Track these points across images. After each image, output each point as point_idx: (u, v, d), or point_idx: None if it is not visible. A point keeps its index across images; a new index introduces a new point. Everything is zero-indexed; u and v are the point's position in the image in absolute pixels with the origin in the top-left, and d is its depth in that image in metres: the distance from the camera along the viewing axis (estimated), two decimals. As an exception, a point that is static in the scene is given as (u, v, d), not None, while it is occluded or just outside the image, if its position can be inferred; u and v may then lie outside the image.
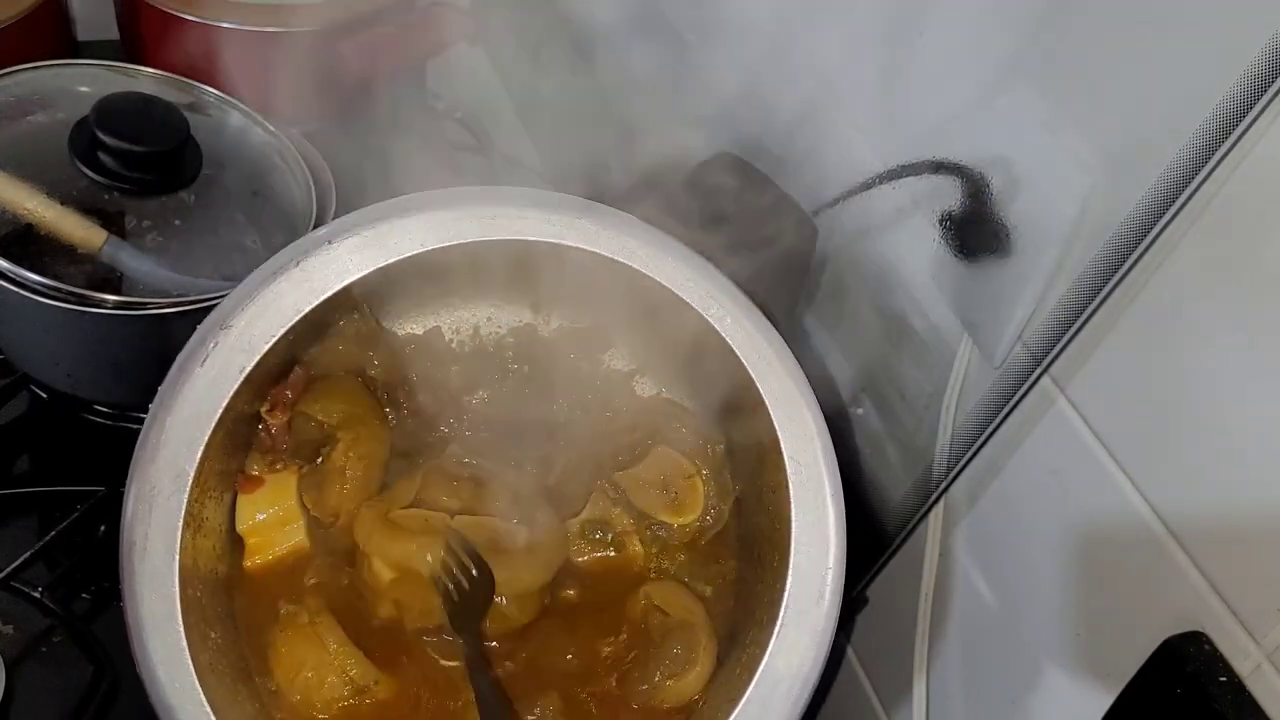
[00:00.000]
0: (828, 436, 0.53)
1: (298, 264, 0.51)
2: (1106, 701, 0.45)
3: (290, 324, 0.51)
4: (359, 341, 0.60)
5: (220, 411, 0.49)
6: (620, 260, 0.53)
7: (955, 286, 0.53)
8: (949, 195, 0.52)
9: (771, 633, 0.51)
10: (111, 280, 0.68)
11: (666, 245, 0.54)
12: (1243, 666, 0.40)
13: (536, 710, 0.55)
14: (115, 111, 0.72)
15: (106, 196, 0.72)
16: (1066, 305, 0.46)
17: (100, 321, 0.67)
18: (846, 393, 0.63)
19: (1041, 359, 0.48)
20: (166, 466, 0.49)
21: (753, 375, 0.53)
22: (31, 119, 0.75)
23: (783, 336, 0.55)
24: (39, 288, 0.66)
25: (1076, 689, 0.49)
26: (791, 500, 0.52)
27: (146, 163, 0.72)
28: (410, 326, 0.64)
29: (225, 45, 0.90)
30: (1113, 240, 0.43)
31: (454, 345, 0.64)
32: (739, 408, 0.57)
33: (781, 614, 0.51)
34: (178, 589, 0.48)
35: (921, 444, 0.56)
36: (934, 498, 0.56)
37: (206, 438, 0.49)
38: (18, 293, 0.66)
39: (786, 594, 0.51)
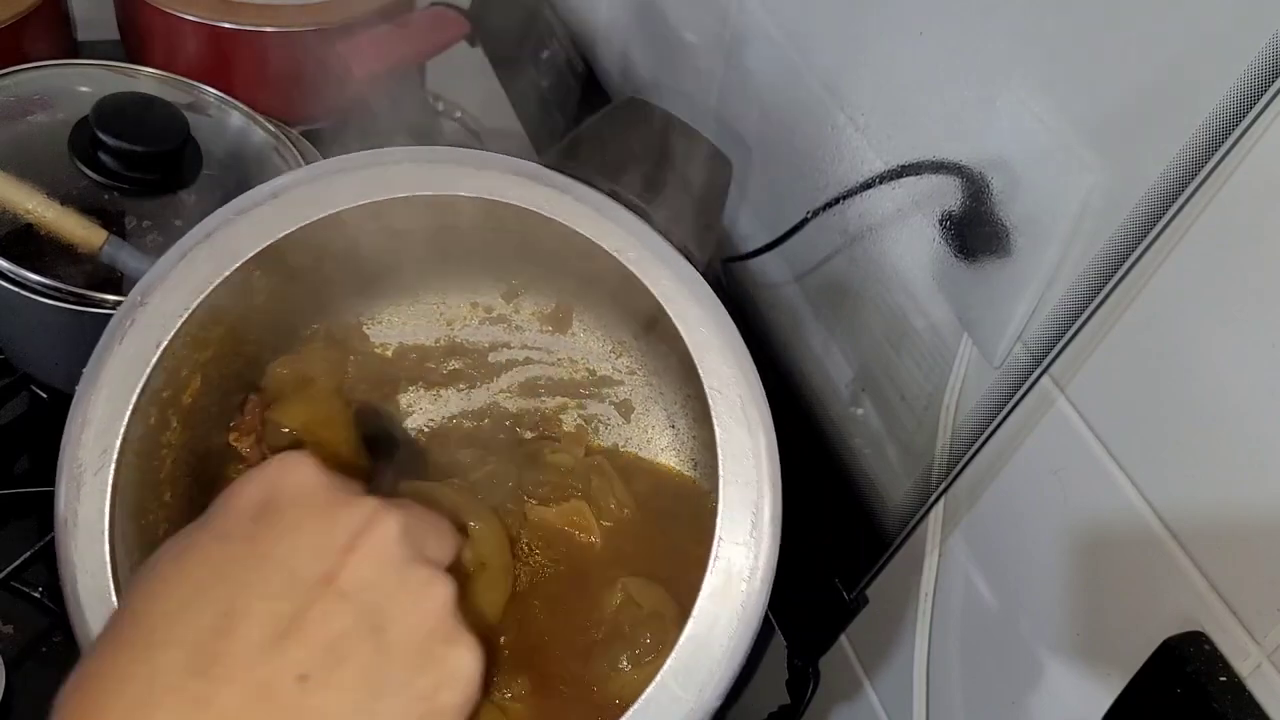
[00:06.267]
0: (755, 377, 0.51)
1: (209, 236, 0.51)
2: (1106, 701, 0.45)
3: (204, 294, 0.50)
4: (327, 353, 0.60)
5: (140, 386, 0.49)
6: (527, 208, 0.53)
7: (955, 286, 0.53)
8: (949, 195, 0.52)
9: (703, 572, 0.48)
10: (111, 280, 0.68)
11: (571, 190, 0.53)
12: (1243, 666, 0.40)
13: (508, 693, 0.55)
14: (115, 111, 0.72)
15: (106, 196, 0.72)
16: (1066, 305, 0.46)
17: (100, 321, 0.67)
18: (846, 393, 0.63)
19: (1041, 359, 0.48)
20: (92, 444, 0.48)
21: (669, 313, 0.51)
22: (31, 119, 0.75)
23: (700, 273, 0.53)
24: (39, 288, 0.66)
25: (1076, 689, 0.49)
26: (716, 429, 0.49)
27: (146, 163, 0.72)
28: (382, 335, 0.64)
29: (225, 45, 0.90)
30: (1113, 240, 0.43)
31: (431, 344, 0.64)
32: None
33: (714, 548, 0.48)
34: (109, 564, 0.47)
35: (921, 444, 0.56)
36: (934, 498, 0.56)
37: (128, 413, 0.49)
38: (18, 293, 0.66)
39: (717, 529, 0.48)
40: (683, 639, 0.45)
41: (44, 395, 0.77)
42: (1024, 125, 0.47)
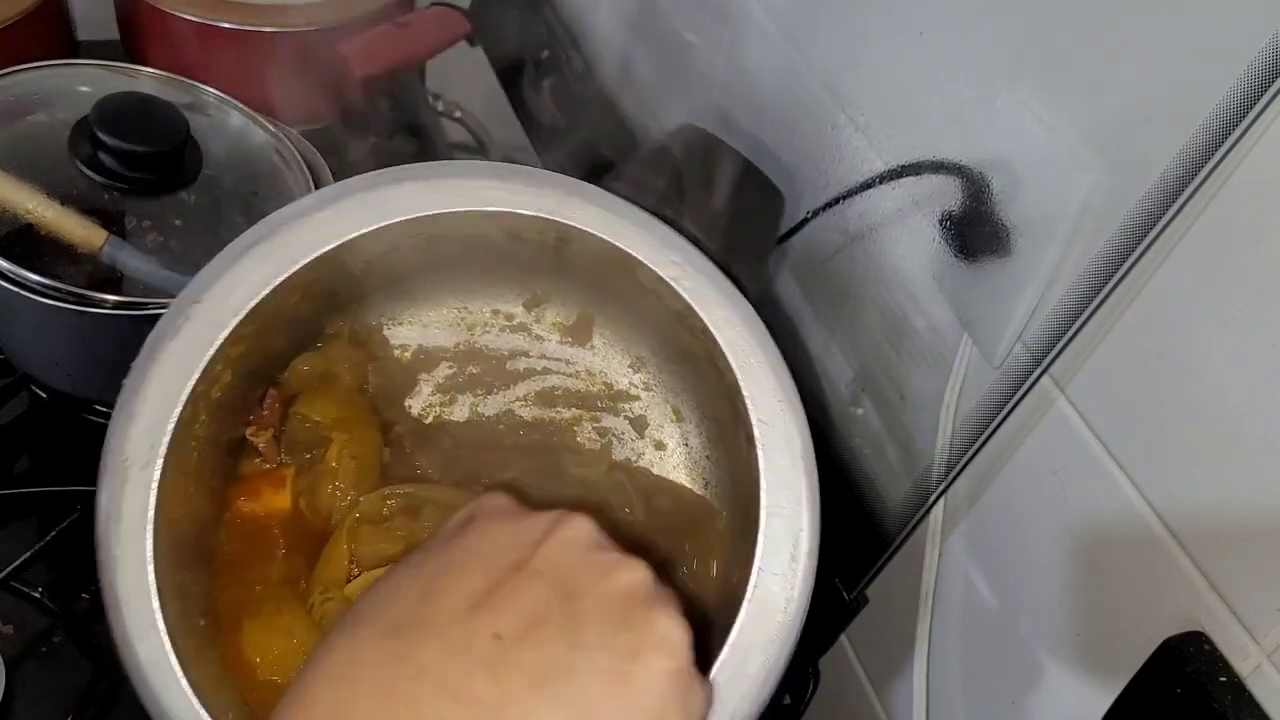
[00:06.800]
0: (800, 409, 0.51)
1: (267, 237, 0.51)
2: (1106, 701, 0.45)
3: (261, 296, 0.51)
4: (349, 352, 0.60)
5: (192, 385, 0.49)
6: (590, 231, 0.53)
7: (955, 286, 0.53)
8: (949, 195, 0.52)
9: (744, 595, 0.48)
10: (111, 280, 0.68)
11: (625, 212, 0.54)
12: (1243, 666, 0.40)
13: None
14: (115, 111, 0.72)
15: (106, 196, 0.72)
16: (1066, 305, 0.46)
17: (100, 321, 0.67)
18: (846, 393, 0.63)
19: (1041, 359, 0.48)
20: (140, 439, 0.49)
21: (719, 341, 0.52)
22: (31, 119, 0.75)
23: (749, 301, 0.54)
24: (39, 288, 0.66)
25: (1076, 689, 0.49)
26: (760, 460, 0.50)
27: (146, 163, 0.72)
28: (402, 336, 0.64)
29: (225, 45, 0.90)
30: (1113, 240, 0.43)
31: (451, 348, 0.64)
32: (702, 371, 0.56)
33: (753, 578, 0.48)
34: (151, 559, 0.48)
35: (921, 444, 0.56)
36: (934, 498, 0.56)
37: (178, 410, 0.49)
38: (18, 293, 0.66)
39: (757, 558, 0.48)
40: (716, 668, 0.45)
41: (44, 395, 0.77)
42: (1024, 125, 0.47)
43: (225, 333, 0.50)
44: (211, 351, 0.50)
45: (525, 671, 0.35)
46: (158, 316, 0.68)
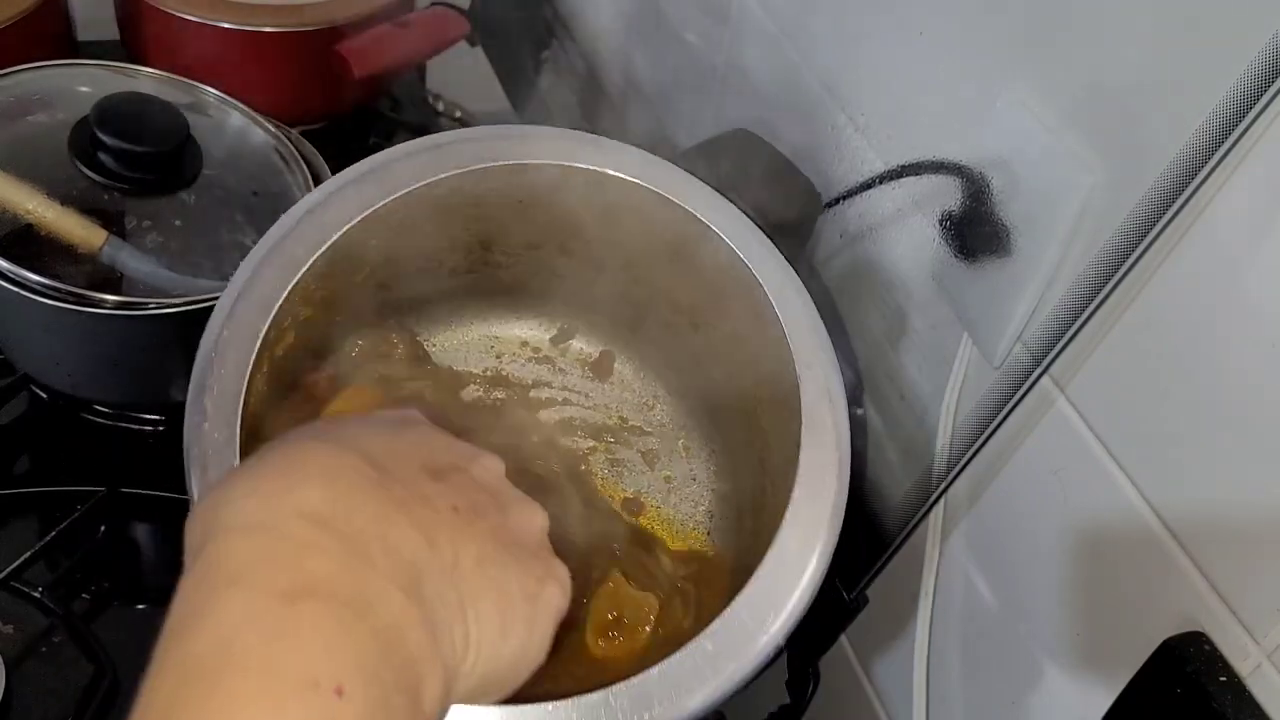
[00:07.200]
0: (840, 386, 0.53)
1: (346, 185, 0.55)
2: (1106, 701, 0.45)
3: (341, 231, 0.54)
4: (392, 363, 0.62)
5: (298, 279, 0.52)
6: (643, 184, 0.57)
7: (955, 286, 0.53)
8: (949, 195, 0.52)
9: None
10: (111, 280, 0.68)
11: (681, 178, 0.57)
12: (1243, 666, 0.40)
13: None
14: (115, 111, 0.72)
15: (106, 196, 0.71)
16: (1066, 305, 0.46)
17: (100, 321, 0.67)
18: (846, 393, 0.63)
19: (1041, 359, 0.48)
20: (242, 326, 0.51)
21: (771, 300, 0.54)
22: (31, 119, 0.75)
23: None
24: (39, 288, 0.66)
25: (1076, 689, 0.49)
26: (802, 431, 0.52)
27: (146, 163, 0.72)
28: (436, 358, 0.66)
29: (225, 45, 0.90)
30: (1113, 240, 0.43)
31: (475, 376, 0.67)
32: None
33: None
34: (239, 425, 0.49)
35: (921, 444, 0.56)
36: (934, 498, 0.56)
37: (278, 306, 0.52)
38: (18, 293, 0.66)
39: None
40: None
41: (44, 395, 0.77)
42: (1024, 125, 0.47)
43: (334, 237, 0.53)
44: (319, 253, 0.53)
45: (473, 546, 0.36)
46: (158, 316, 0.68)
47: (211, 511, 0.32)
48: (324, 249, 0.53)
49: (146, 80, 0.80)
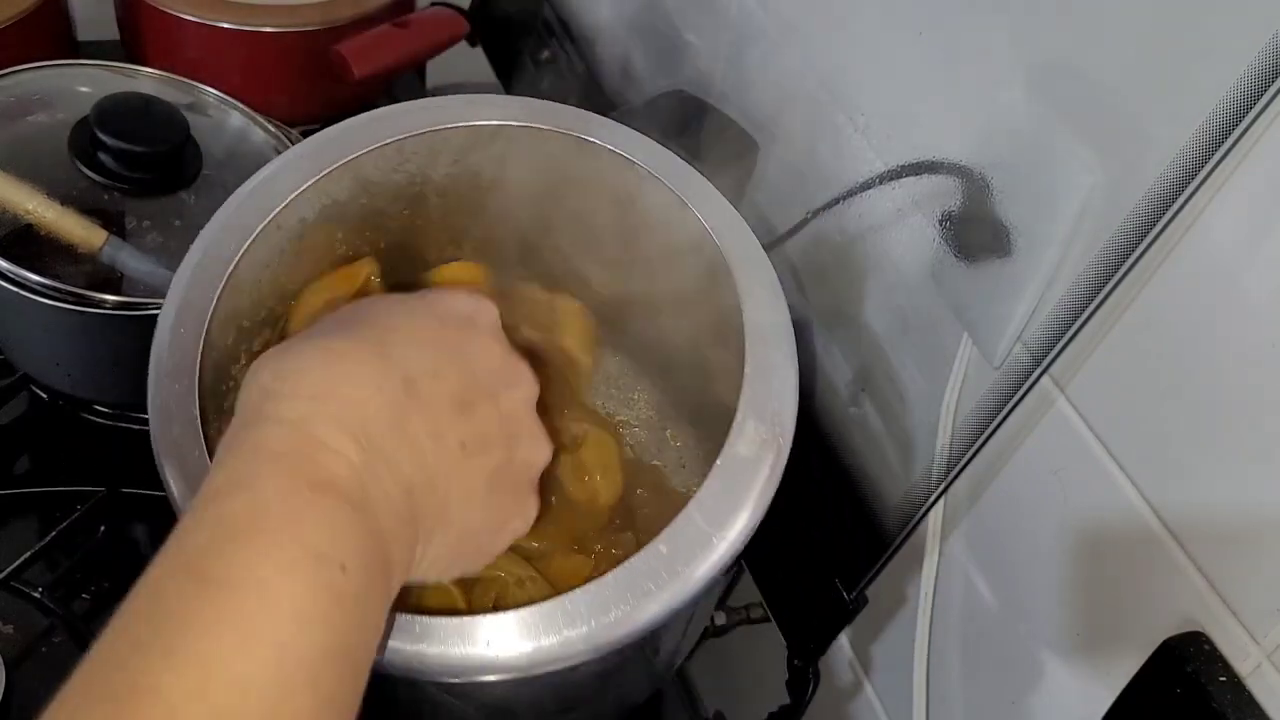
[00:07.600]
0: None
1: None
2: (1106, 701, 0.45)
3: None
4: None
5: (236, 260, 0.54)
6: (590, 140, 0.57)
7: (955, 286, 0.53)
8: (949, 195, 0.52)
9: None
10: (111, 280, 0.68)
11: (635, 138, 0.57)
12: (1243, 666, 0.40)
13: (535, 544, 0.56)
14: (115, 111, 0.72)
15: (106, 196, 0.72)
16: (1066, 305, 0.46)
17: (100, 321, 0.67)
18: (846, 393, 0.63)
19: (1041, 359, 0.48)
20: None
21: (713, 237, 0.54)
22: (31, 119, 0.75)
23: None
24: (39, 288, 0.66)
25: (1076, 689, 0.49)
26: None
27: (146, 163, 0.72)
28: None
29: (225, 45, 0.91)
30: (1113, 240, 0.43)
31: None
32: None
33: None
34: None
35: (921, 444, 0.56)
36: (934, 498, 0.56)
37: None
38: (18, 293, 0.66)
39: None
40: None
41: (44, 395, 0.77)
42: (1024, 125, 0.47)
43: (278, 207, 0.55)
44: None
45: (464, 481, 0.41)
46: (158, 317, 0.68)
47: (275, 383, 0.37)
48: (271, 217, 0.55)
49: (146, 80, 0.80)
